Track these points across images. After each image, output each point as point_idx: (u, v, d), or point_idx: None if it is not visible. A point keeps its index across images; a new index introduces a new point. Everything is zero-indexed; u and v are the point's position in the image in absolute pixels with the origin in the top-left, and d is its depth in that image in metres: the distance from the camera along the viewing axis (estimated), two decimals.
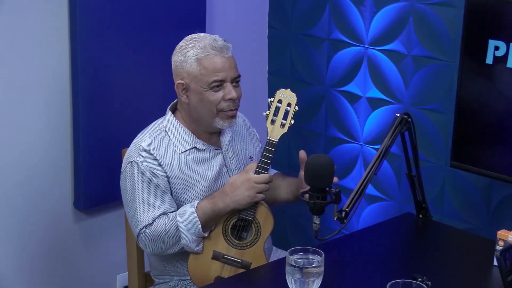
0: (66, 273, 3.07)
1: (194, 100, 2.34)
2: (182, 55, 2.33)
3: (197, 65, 2.30)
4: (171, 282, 2.46)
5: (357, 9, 3.11)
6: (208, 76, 2.30)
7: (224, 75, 2.31)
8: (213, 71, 2.30)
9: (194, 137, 2.39)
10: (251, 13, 3.46)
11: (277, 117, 2.34)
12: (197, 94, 2.32)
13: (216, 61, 2.30)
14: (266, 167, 2.31)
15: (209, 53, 2.30)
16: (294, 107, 2.34)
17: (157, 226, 2.31)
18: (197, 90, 2.32)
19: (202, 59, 2.30)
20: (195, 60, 2.30)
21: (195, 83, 2.31)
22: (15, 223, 2.89)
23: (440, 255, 2.33)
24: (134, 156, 2.34)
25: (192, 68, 2.31)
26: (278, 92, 2.36)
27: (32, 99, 2.83)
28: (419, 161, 2.46)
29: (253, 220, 2.35)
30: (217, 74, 2.30)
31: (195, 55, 2.30)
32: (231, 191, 2.30)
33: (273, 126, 2.34)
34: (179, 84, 2.34)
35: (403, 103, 3.02)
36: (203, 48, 2.31)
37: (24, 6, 2.73)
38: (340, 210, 2.17)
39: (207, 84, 2.30)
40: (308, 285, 1.90)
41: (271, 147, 2.32)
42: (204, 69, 2.30)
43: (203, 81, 2.30)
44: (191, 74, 2.31)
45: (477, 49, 2.48)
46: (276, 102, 2.35)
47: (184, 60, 2.32)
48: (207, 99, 2.31)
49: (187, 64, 2.31)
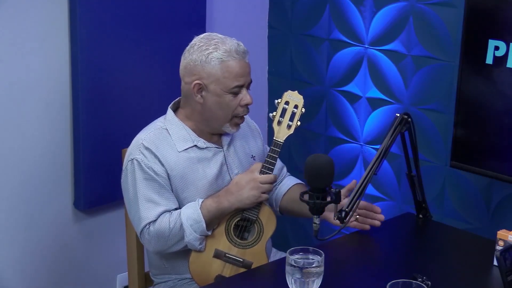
0: (66, 273, 3.07)
1: (211, 102, 2.33)
2: (204, 55, 2.30)
3: (221, 68, 2.29)
4: (170, 282, 2.46)
5: (357, 9, 3.11)
6: (231, 80, 2.30)
7: (244, 80, 2.32)
8: (236, 75, 2.30)
9: (195, 136, 2.39)
10: (251, 13, 3.46)
11: (283, 119, 2.35)
12: (215, 96, 2.32)
13: (240, 65, 2.31)
14: (271, 167, 2.32)
15: (234, 57, 2.30)
16: (301, 109, 2.36)
17: (161, 224, 2.31)
18: (216, 92, 2.31)
19: (226, 62, 2.29)
20: (219, 62, 2.29)
21: (216, 85, 2.31)
22: (15, 223, 2.89)
23: (440, 255, 2.33)
24: (135, 154, 2.34)
25: (214, 69, 2.30)
26: (285, 93, 2.37)
27: (32, 99, 2.83)
28: (419, 161, 2.46)
29: (256, 220, 2.36)
30: (239, 79, 2.31)
31: (219, 58, 2.29)
32: (236, 190, 2.31)
33: (279, 127, 2.35)
34: (196, 84, 2.33)
35: (403, 103, 3.02)
36: (228, 51, 2.30)
37: (24, 6, 2.73)
38: (340, 210, 2.17)
39: (228, 88, 2.31)
40: (308, 285, 1.90)
41: (277, 148, 2.33)
42: (228, 72, 2.30)
43: (225, 84, 2.30)
44: (213, 75, 2.30)
45: (477, 49, 2.48)
46: (283, 103, 2.36)
47: (205, 61, 2.30)
48: (225, 102, 2.32)
49: (210, 65, 2.30)
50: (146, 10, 2.99)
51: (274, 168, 2.35)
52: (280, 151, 2.33)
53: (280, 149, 2.33)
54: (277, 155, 2.33)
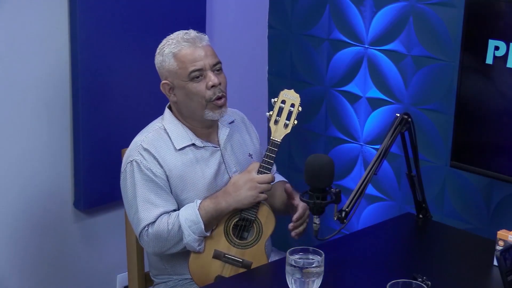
0: (66, 273, 3.07)
1: (181, 96, 2.35)
2: (160, 55, 2.36)
3: (174, 61, 2.32)
4: (170, 282, 2.46)
5: (357, 9, 3.11)
6: (186, 68, 2.31)
7: (201, 63, 2.32)
8: (189, 61, 2.31)
9: (193, 134, 2.39)
10: (251, 13, 3.46)
11: (280, 118, 2.35)
12: (181, 90, 2.34)
13: (190, 52, 2.32)
14: (268, 167, 2.32)
15: (182, 46, 2.32)
16: (297, 108, 2.35)
17: (160, 225, 2.31)
18: (180, 85, 2.33)
19: (177, 53, 2.32)
20: (171, 56, 2.33)
21: (177, 79, 2.33)
22: (15, 223, 2.89)
23: (440, 255, 2.33)
24: (134, 155, 2.34)
25: (170, 65, 2.33)
26: (282, 92, 2.36)
27: (32, 99, 2.83)
28: (419, 161, 2.46)
29: (254, 220, 2.35)
30: (194, 64, 2.31)
31: (170, 52, 2.33)
32: (233, 190, 2.31)
33: (276, 126, 2.35)
34: (165, 84, 2.37)
35: (403, 103, 3.02)
36: (176, 43, 2.33)
37: (24, 6, 2.73)
38: (340, 210, 2.17)
39: (186, 76, 2.32)
40: (308, 285, 1.90)
41: (274, 147, 2.33)
42: (181, 62, 2.32)
43: (182, 74, 2.32)
44: (171, 71, 2.34)
45: (477, 49, 2.48)
46: (279, 102, 2.36)
47: (162, 60, 2.35)
48: (191, 91, 2.32)
49: (166, 62, 2.34)
50: (146, 10, 2.99)
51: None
52: (277, 150, 2.33)
53: (278, 149, 2.33)
54: (274, 154, 2.32)
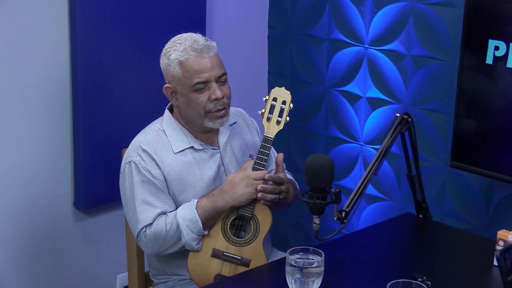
0: (66, 273, 3.07)
1: (182, 103, 2.35)
2: (166, 58, 2.34)
3: (180, 69, 2.31)
4: (170, 282, 2.46)
5: (357, 9, 3.11)
6: (191, 79, 2.30)
7: (206, 76, 2.30)
8: (195, 73, 2.29)
9: (192, 137, 2.39)
10: (251, 13, 3.46)
11: (272, 115, 2.37)
12: (183, 97, 2.33)
13: (197, 63, 2.30)
14: (263, 163, 2.34)
15: (189, 55, 2.30)
16: (289, 105, 2.38)
17: (157, 226, 2.31)
18: (182, 93, 2.33)
19: (183, 62, 2.30)
20: (177, 63, 2.31)
21: (180, 86, 2.32)
22: (15, 223, 2.89)
23: (440, 255, 2.33)
24: (133, 156, 2.34)
25: (175, 71, 2.32)
26: (273, 90, 2.40)
27: (32, 99, 2.83)
28: (419, 161, 2.46)
29: (251, 217, 2.36)
30: (199, 76, 2.30)
31: (176, 59, 2.31)
32: (230, 188, 2.32)
33: (269, 124, 2.37)
34: (168, 88, 2.36)
35: (403, 103, 3.02)
36: (184, 50, 2.30)
37: (24, 6, 2.73)
38: (340, 210, 2.17)
39: (190, 87, 2.30)
40: (308, 285, 1.90)
41: (267, 144, 2.35)
42: (186, 72, 2.30)
43: (186, 84, 2.31)
44: (176, 77, 2.32)
45: (477, 49, 2.48)
46: (271, 100, 2.38)
47: (168, 64, 2.33)
48: (193, 101, 2.32)
49: (171, 67, 2.32)
50: (146, 10, 2.99)
51: (268, 162, 2.35)
52: (271, 146, 2.35)
53: (271, 145, 2.35)
54: (268, 150, 2.34)
